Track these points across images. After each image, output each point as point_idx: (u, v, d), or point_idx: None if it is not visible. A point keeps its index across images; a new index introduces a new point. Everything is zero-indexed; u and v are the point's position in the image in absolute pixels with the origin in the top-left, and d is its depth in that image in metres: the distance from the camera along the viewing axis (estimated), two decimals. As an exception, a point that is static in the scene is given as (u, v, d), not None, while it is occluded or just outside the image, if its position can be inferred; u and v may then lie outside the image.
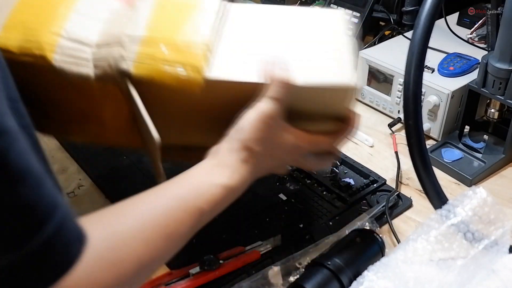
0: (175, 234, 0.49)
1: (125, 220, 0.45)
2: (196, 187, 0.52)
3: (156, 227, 0.47)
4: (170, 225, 0.48)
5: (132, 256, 0.43)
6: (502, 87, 0.83)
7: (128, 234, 0.44)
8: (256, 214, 0.80)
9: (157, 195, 0.50)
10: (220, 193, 0.54)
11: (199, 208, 0.51)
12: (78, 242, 0.38)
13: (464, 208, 0.60)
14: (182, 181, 0.52)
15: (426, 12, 0.64)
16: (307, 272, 0.64)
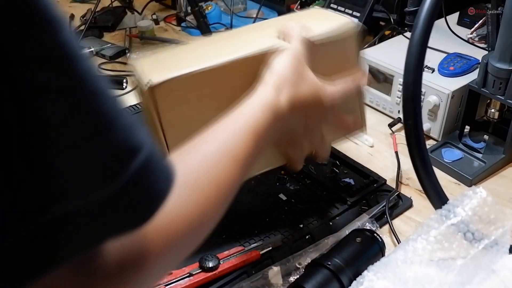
0: (242, 158, 0.50)
1: (200, 152, 0.48)
2: (251, 114, 0.54)
3: (226, 154, 0.49)
4: (237, 150, 0.50)
5: (211, 180, 0.45)
6: (502, 87, 0.83)
7: (204, 163, 0.46)
8: (256, 214, 0.80)
9: (221, 129, 0.51)
10: (271, 116, 0.55)
11: (256, 133, 0.53)
12: (168, 178, 0.38)
13: (464, 208, 0.60)
14: (237, 115, 0.54)
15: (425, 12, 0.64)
16: (307, 272, 0.64)
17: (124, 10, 1.54)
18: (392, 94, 1.02)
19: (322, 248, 0.71)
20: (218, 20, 1.46)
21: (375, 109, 1.08)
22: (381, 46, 1.11)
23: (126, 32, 1.42)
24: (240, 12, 1.52)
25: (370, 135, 0.99)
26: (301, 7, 1.37)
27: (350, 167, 0.90)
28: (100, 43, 1.34)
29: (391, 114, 1.04)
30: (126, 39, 1.38)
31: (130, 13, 1.55)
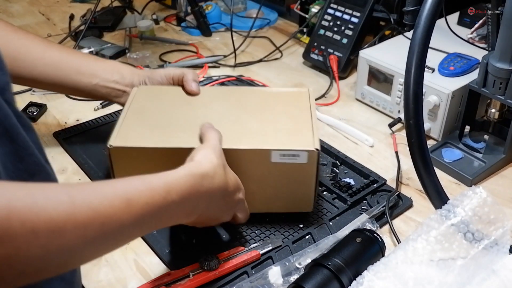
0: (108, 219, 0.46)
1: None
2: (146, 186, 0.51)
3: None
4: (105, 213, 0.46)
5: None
6: (502, 87, 0.83)
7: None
8: (256, 214, 0.80)
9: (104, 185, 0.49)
10: (183, 179, 0.55)
11: (161, 187, 0.52)
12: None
13: (464, 208, 0.60)
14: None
15: (426, 11, 0.64)
16: (307, 272, 0.64)
17: (124, 10, 1.54)
18: (392, 94, 1.02)
19: (322, 248, 0.71)
20: (218, 20, 1.46)
21: (375, 109, 1.08)
22: (381, 46, 1.10)
23: (126, 32, 1.42)
24: (240, 12, 1.52)
25: (370, 135, 0.99)
26: (301, 7, 1.37)
27: (350, 167, 0.90)
28: (100, 43, 1.34)
29: (391, 114, 1.04)
30: (126, 39, 1.38)
31: (130, 13, 1.55)
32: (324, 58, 1.19)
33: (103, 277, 0.70)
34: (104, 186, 0.47)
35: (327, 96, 1.14)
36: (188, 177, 0.55)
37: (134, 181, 0.50)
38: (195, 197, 0.56)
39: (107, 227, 0.45)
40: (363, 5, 1.17)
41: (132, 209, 0.47)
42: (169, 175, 0.54)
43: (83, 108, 1.09)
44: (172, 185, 0.53)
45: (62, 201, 0.42)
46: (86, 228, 0.43)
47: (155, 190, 0.51)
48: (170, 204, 0.52)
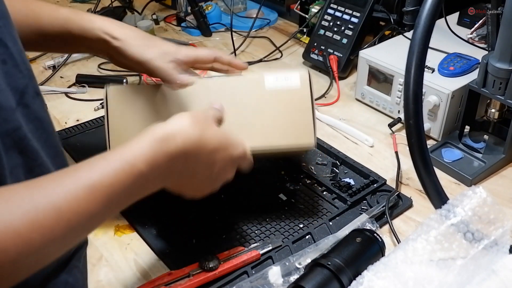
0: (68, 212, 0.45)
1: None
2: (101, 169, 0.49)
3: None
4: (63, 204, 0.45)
5: None
6: (502, 87, 0.83)
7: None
8: (256, 214, 0.80)
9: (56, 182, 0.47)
10: (149, 145, 0.52)
11: (126, 161, 0.50)
12: None
13: (464, 208, 0.60)
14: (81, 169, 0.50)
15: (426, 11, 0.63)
16: (307, 272, 0.64)
17: (124, 10, 1.54)
18: (392, 94, 1.02)
19: (322, 248, 0.71)
20: (218, 20, 1.46)
21: (375, 109, 1.08)
22: (381, 46, 1.10)
23: (126, 32, 1.42)
24: (240, 12, 1.52)
25: (370, 135, 0.99)
26: (301, 7, 1.37)
27: (350, 167, 0.90)
28: (100, 43, 1.34)
29: (391, 114, 1.04)
30: (126, 39, 1.37)
31: (130, 13, 1.55)
32: (324, 58, 1.19)
33: (103, 277, 0.70)
34: (66, 178, 0.46)
35: (327, 96, 1.14)
36: (151, 143, 0.52)
37: (96, 164, 0.48)
38: (164, 160, 0.52)
39: (74, 222, 0.44)
40: (363, 5, 1.17)
41: (97, 196, 0.46)
42: (131, 146, 0.51)
43: (83, 108, 1.09)
44: (135, 157, 0.50)
45: (26, 211, 0.41)
46: (53, 230, 0.43)
47: (119, 168, 0.48)
48: (138, 177, 0.50)
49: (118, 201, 0.49)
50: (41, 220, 0.42)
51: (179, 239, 0.76)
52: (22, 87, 0.51)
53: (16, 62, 0.51)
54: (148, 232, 0.77)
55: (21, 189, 0.44)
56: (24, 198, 0.42)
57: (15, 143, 0.49)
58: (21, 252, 0.41)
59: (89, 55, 1.30)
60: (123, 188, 0.48)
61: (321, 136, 0.99)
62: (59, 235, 0.43)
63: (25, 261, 0.42)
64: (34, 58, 1.29)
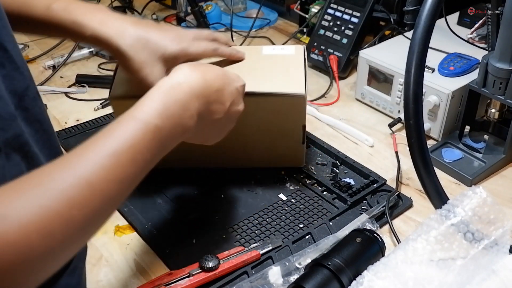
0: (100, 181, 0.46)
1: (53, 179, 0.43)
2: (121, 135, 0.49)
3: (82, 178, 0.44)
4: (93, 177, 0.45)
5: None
6: (502, 87, 0.83)
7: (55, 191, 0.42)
8: (256, 214, 0.80)
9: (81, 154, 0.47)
10: (158, 98, 0.53)
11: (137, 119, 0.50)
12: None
13: (464, 208, 0.60)
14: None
15: (426, 11, 0.64)
16: (307, 272, 0.64)
17: (124, 10, 1.54)
18: (392, 94, 1.02)
19: (322, 248, 0.71)
20: (218, 20, 1.46)
21: (375, 109, 1.08)
22: (381, 46, 1.10)
23: (126, 32, 1.42)
24: (240, 12, 1.52)
25: (370, 135, 0.99)
26: (301, 7, 1.37)
27: (350, 167, 0.90)
28: (100, 43, 1.34)
29: (391, 114, 1.04)
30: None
31: (130, 13, 1.55)
32: (324, 58, 1.19)
33: (103, 277, 0.70)
34: (89, 152, 0.46)
35: (327, 96, 1.14)
36: (159, 95, 0.53)
37: (113, 131, 0.48)
38: (176, 109, 0.53)
39: (107, 191, 0.45)
40: (363, 5, 1.17)
41: (123, 161, 0.47)
42: (142, 105, 0.52)
43: (83, 108, 1.09)
44: (148, 113, 0.51)
45: (61, 191, 0.42)
46: (90, 203, 0.43)
47: (135, 129, 0.49)
48: (156, 132, 0.50)
49: (144, 160, 0.49)
50: (77, 197, 0.42)
51: (179, 239, 0.76)
52: (22, 90, 0.51)
53: (16, 65, 0.50)
54: (148, 232, 0.77)
55: (50, 170, 0.44)
56: (56, 179, 0.42)
57: (15, 150, 0.48)
58: (66, 232, 0.41)
59: (89, 55, 1.30)
60: (144, 147, 0.49)
61: (321, 136, 0.99)
62: (97, 208, 0.44)
63: (70, 241, 0.42)
64: (34, 58, 1.29)
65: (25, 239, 0.38)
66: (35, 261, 0.39)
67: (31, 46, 1.36)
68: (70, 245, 0.43)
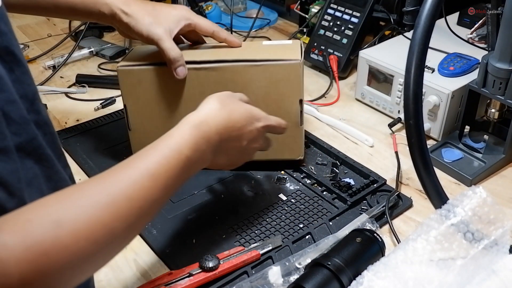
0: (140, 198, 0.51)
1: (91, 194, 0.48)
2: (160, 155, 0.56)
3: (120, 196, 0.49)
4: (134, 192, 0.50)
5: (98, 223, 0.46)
6: (502, 87, 0.83)
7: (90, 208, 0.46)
8: (256, 214, 0.80)
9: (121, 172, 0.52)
10: (188, 132, 0.60)
11: (172, 149, 0.57)
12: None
13: (464, 208, 0.60)
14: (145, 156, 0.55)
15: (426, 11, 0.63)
16: (307, 272, 0.64)
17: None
18: (392, 94, 1.02)
19: (322, 248, 0.71)
20: (218, 20, 1.46)
21: (375, 109, 1.08)
22: (381, 46, 1.10)
23: (126, 32, 1.42)
24: (240, 12, 1.52)
25: (370, 135, 0.99)
26: (301, 7, 1.37)
27: (350, 167, 0.90)
28: (100, 43, 1.34)
29: (391, 114, 1.04)
30: (126, 39, 1.37)
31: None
32: (324, 58, 1.19)
33: (103, 277, 0.70)
34: (130, 170, 0.52)
35: (327, 96, 1.14)
36: (190, 130, 0.59)
37: (150, 154, 0.54)
38: (204, 143, 0.60)
39: (144, 208, 0.50)
40: (363, 5, 1.17)
41: (158, 183, 0.52)
42: (174, 136, 0.58)
43: (83, 108, 1.09)
44: (180, 144, 0.57)
45: (106, 203, 0.47)
46: (129, 217, 0.48)
47: (170, 156, 0.55)
48: (185, 162, 0.57)
49: (173, 185, 0.55)
50: (120, 210, 0.47)
51: (179, 239, 0.76)
52: (33, 94, 0.51)
53: (25, 68, 0.51)
54: (148, 232, 0.77)
55: (97, 184, 0.49)
56: (103, 193, 0.47)
57: (29, 154, 0.49)
58: (108, 241, 0.46)
59: (89, 55, 1.30)
60: (175, 173, 0.55)
61: (321, 136, 0.99)
62: (133, 222, 0.49)
63: (110, 249, 0.48)
64: (34, 58, 1.29)
65: (76, 244, 0.42)
66: (81, 264, 0.44)
67: (31, 46, 1.36)
68: (109, 253, 0.48)
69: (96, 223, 0.45)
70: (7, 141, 0.45)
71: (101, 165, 0.91)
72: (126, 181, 0.50)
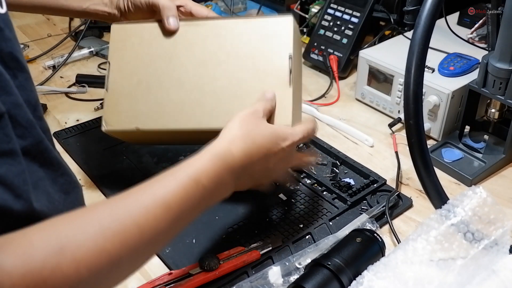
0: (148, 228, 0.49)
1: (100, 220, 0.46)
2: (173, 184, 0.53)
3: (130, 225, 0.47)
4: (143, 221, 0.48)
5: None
6: (502, 87, 0.83)
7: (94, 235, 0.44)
8: (256, 214, 0.80)
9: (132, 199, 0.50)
10: (210, 163, 0.56)
11: (192, 178, 0.53)
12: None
13: (464, 208, 0.60)
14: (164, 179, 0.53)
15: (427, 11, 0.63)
16: (307, 272, 0.64)
17: (124, 10, 1.54)
18: (392, 94, 1.02)
19: (322, 248, 0.71)
20: (218, 20, 1.46)
21: (375, 109, 1.08)
22: (381, 46, 1.10)
23: (126, 32, 1.42)
24: (240, 12, 1.52)
25: (370, 135, 0.99)
26: (301, 7, 1.37)
27: (350, 167, 0.90)
28: (100, 43, 1.34)
29: (391, 114, 1.04)
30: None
31: (130, 13, 1.55)
32: (324, 58, 1.19)
33: (103, 277, 0.70)
34: (143, 196, 0.49)
35: (327, 96, 1.14)
36: (212, 160, 0.56)
37: (167, 181, 0.51)
38: (226, 173, 0.57)
39: (154, 238, 0.48)
40: (363, 5, 1.17)
41: (172, 213, 0.50)
42: (195, 163, 0.55)
43: (83, 108, 1.09)
44: (199, 173, 0.54)
45: (114, 231, 0.45)
46: (138, 247, 0.46)
47: (187, 185, 0.52)
48: (203, 192, 0.53)
49: (187, 215, 0.53)
50: (128, 241, 0.45)
51: (179, 239, 0.76)
52: (35, 100, 0.51)
53: (28, 75, 0.51)
54: (148, 232, 0.77)
55: (105, 208, 0.47)
56: (111, 218, 0.45)
57: (35, 157, 0.49)
58: (112, 271, 0.45)
59: (89, 55, 1.30)
60: (191, 203, 0.52)
61: (321, 136, 0.99)
62: (142, 252, 0.47)
63: (113, 279, 0.46)
64: (34, 58, 1.29)
65: (77, 273, 0.41)
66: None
67: (31, 46, 1.36)
68: (111, 282, 0.46)
69: (101, 252, 0.43)
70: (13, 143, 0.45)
71: (101, 165, 0.91)
72: (137, 207, 0.48)
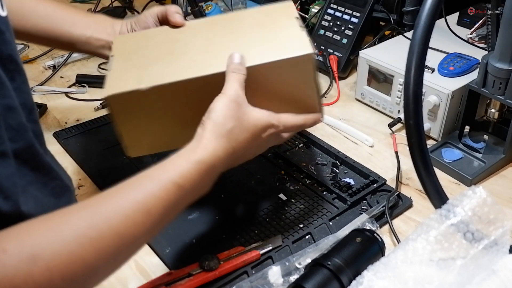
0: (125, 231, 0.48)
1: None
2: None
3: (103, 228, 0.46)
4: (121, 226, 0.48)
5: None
6: (502, 87, 0.83)
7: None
8: (256, 214, 0.80)
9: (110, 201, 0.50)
10: (194, 168, 0.55)
11: (175, 183, 0.52)
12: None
13: (463, 208, 0.60)
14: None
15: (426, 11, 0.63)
16: (307, 272, 0.64)
17: (124, 10, 1.54)
18: (392, 94, 1.02)
19: (322, 248, 0.71)
20: (218, 20, 1.46)
21: (375, 109, 1.08)
22: (381, 46, 1.10)
23: (126, 32, 1.42)
24: (240, 12, 1.52)
25: (370, 135, 0.99)
26: (301, 7, 1.37)
27: (350, 167, 0.90)
28: (100, 43, 1.34)
29: (391, 114, 1.04)
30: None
31: (130, 13, 1.55)
32: (324, 58, 1.19)
33: (103, 277, 0.70)
34: (122, 201, 0.48)
35: (327, 96, 1.14)
36: (197, 165, 0.55)
37: (147, 184, 0.51)
38: (207, 178, 0.57)
39: (133, 244, 0.48)
40: (363, 5, 1.17)
41: (152, 218, 0.49)
42: (178, 167, 0.54)
43: (83, 108, 1.09)
44: (184, 178, 0.53)
45: (91, 238, 0.44)
46: (116, 255, 0.46)
47: (169, 189, 0.51)
48: (183, 194, 0.53)
49: (166, 218, 0.52)
50: (106, 248, 0.44)
51: (179, 239, 0.76)
52: (31, 104, 0.51)
53: (25, 78, 0.51)
54: (148, 232, 0.77)
55: (82, 214, 0.46)
56: (89, 224, 0.44)
57: (25, 161, 0.49)
58: (88, 279, 0.44)
59: (89, 55, 1.30)
60: (172, 207, 0.52)
61: (321, 136, 0.99)
62: (120, 258, 0.47)
63: (87, 285, 0.45)
64: (34, 58, 1.29)
65: (49, 281, 0.40)
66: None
67: (31, 46, 1.36)
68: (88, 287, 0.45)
69: (76, 260, 0.42)
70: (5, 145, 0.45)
71: (101, 165, 0.91)
72: (116, 212, 0.46)
